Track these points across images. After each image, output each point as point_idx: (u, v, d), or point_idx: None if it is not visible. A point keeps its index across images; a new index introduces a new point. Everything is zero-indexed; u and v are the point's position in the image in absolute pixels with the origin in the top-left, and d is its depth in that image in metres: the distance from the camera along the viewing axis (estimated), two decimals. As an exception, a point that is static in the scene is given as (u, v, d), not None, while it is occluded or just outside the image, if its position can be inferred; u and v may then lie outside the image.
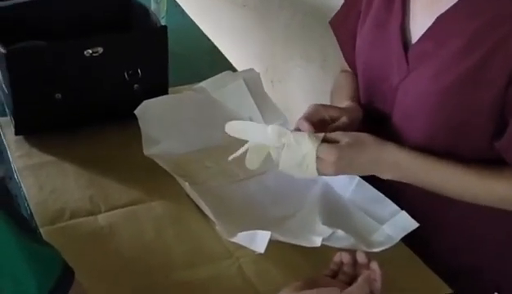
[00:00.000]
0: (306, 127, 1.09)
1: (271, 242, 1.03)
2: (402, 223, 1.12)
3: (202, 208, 1.15)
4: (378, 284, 0.92)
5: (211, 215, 1.12)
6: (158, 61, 1.37)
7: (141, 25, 1.43)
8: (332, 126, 1.14)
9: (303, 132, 1.08)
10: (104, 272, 1.03)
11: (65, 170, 1.23)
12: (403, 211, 1.13)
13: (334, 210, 1.18)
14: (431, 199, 1.14)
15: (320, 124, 1.12)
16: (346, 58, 1.36)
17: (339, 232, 1.07)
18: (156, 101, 1.29)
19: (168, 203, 1.18)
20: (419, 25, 1.13)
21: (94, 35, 1.31)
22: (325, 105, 1.18)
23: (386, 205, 1.16)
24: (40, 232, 1.08)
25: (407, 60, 1.14)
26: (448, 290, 1.08)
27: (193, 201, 1.18)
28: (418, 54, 1.13)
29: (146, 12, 1.43)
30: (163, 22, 1.66)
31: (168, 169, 1.21)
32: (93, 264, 1.03)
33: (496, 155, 1.10)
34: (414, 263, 1.12)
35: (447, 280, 1.09)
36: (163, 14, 1.76)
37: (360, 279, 0.92)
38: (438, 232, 1.21)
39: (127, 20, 1.46)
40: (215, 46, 1.82)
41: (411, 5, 1.16)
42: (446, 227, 1.21)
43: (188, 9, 2.03)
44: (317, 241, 1.05)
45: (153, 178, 1.22)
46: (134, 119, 1.25)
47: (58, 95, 1.28)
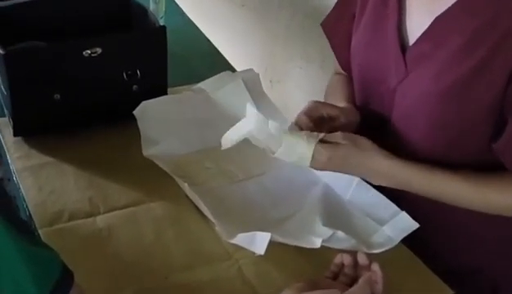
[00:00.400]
0: (305, 123, 1.09)
1: (270, 243, 1.02)
2: (403, 224, 1.12)
3: (201, 209, 1.15)
4: (379, 286, 0.92)
5: (210, 216, 1.12)
6: (157, 62, 1.37)
7: (140, 26, 1.43)
8: (331, 125, 1.14)
9: (301, 132, 1.08)
10: (103, 274, 1.02)
11: (64, 171, 1.23)
12: (403, 212, 1.13)
13: (334, 211, 1.17)
14: (431, 200, 1.13)
15: (318, 121, 1.12)
16: (339, 60, 1.35)
17: (339, 233, 1.07)
18: (155, 102, 1.29)
19: (168, 204, 1.18)
20: (415, 24, 1.12)
21: (93, 35, 1.31)
22: (324, 103, 1.18)
23: (386, 206, 1.15)
24: (39, 233, 1.07)
25: (405, 62, 1.13)
26: (449, 291, 1.07)
27: (192, 202, 1.17)
28: (416, 55, 1.12)
29: (145, 12, 1.42)
30: (161, 22, 1.65)
31: (168, 170, 1.20)
32: (92, 265, 1.03)
33: (496, 158, 1.10)
34: (414, 264, 1.12)
35: (448, 281, 1.09)
36: (161, 14, 1.76)
37: (361, 281, 0.92)
38: (439, 233, 1.20)
39: (126, 21, 1.46)
40: (214, 46, 1.81)
41: (407, 3, 1.14)
42: (446, 228, 1.21)
43: (187, 9, 2.03)
44: (317, 242, 1.04)
45: (152, 179, 1.21)
46: (133, 120, 1.25)
47: (57, 95, 1.27)
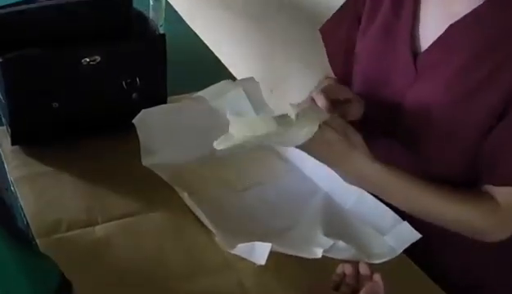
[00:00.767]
0: (322, 102, 1.07)
1: (271, 253, 1.01)
2: (404, 234, 1.11)
3: (201, 219, 1.14)
4: (380, 297, 0.92)
5: (210, 226, 1.11)
6: (156, 70, 1.36)
7: (140, 33, 1.42)
8: (344, 108, 1.13)
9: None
10: (101, 284, 1.01)
11: (62, 180, 1.22)
12: (405, 221, 1.12)
13: (334, 221, 1.16)
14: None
15: (334, 102, 1.10)
16: (333, 66, 1.34)
17: (340, 243, 1.06)
18: (155, 110, 1.28)
19: (167, 214, 1.17)
20: (429, 32, 1.13)
21: (92, 43, 1.30)
22: (338, 85, 1.16)
23: (388, 215, 1.15)
24: (36, 243, 1.06)
25: (416, 68, 1.13)
26: (451, 302, 1.07)
27: (192, 211, 1.16)
28: (428, 62, 1.12)
29: (145, 20, 1.42)
30: (161, 30, 1.65)
31: (167, 179, 1.19)
32: (91, 276, 1.02)
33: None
34: (416, 275, 1.11)
35: (449, 292, 1.08)
36: (161, 22, 1.75)
37: (362, 292, 0.91)
38: (441, 243, 1.20)
39: (125, 28, 1.45)
40: (214, 54, 1.81)
41: (422, 11, 1.15)
42: (448, 239, 1.20)
43: (186, 17, 2.03)
44: (318, 252, 1.03)
45: (151, 188, 1.20)
46: (132, 128, 1.24)
47: (55, 104, 1.26)
